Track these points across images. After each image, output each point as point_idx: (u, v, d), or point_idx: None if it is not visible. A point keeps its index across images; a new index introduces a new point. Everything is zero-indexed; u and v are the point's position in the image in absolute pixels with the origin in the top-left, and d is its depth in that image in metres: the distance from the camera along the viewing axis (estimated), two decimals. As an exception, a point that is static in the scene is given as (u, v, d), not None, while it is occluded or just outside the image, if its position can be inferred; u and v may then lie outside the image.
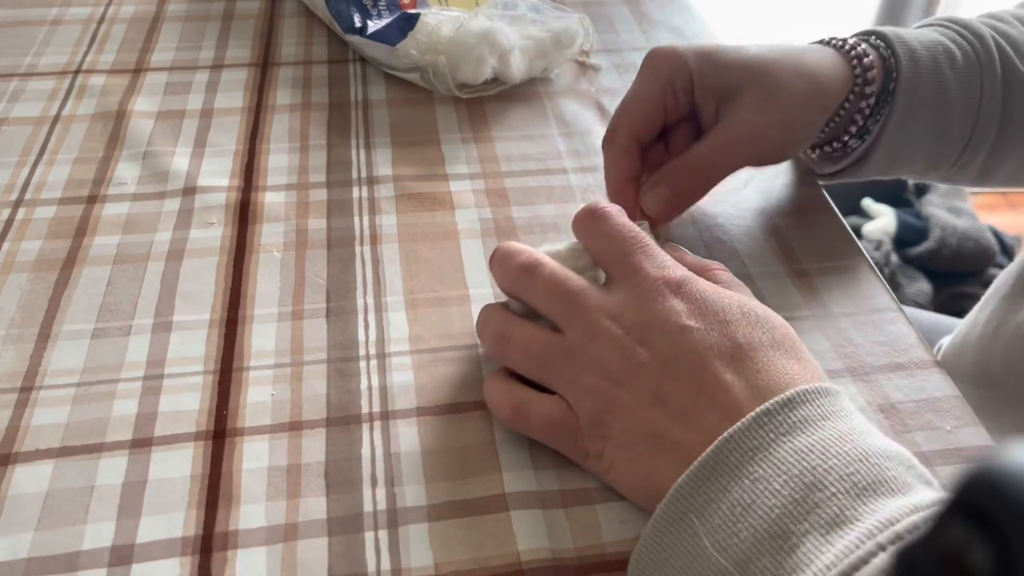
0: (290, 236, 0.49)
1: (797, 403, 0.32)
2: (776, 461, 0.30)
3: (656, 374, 0.34)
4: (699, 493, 0.31)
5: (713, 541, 0.30)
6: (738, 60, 0.45)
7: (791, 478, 0.30)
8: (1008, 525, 0.18)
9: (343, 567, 0.34)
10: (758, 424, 0.31)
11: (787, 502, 0.29)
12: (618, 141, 0.45)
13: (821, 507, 0.29)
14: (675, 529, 0.31)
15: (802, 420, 0.31)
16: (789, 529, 0.29)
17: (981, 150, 0.49)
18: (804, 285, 0.47)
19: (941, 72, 0.47)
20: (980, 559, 0.18)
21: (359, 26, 0.61)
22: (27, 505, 0.36)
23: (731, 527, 0.30)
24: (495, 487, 0.37)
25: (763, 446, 0.31)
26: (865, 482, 0.29)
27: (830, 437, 0.31)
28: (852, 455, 0.30)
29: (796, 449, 0.30)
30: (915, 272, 1.51)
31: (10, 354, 0.42)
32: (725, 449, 0.31)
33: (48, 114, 0.58)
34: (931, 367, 0.43)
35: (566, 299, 0.37)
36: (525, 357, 0.38)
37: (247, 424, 0.39)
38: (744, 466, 0.31)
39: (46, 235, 0.49)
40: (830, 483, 0.29)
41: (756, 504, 0.30)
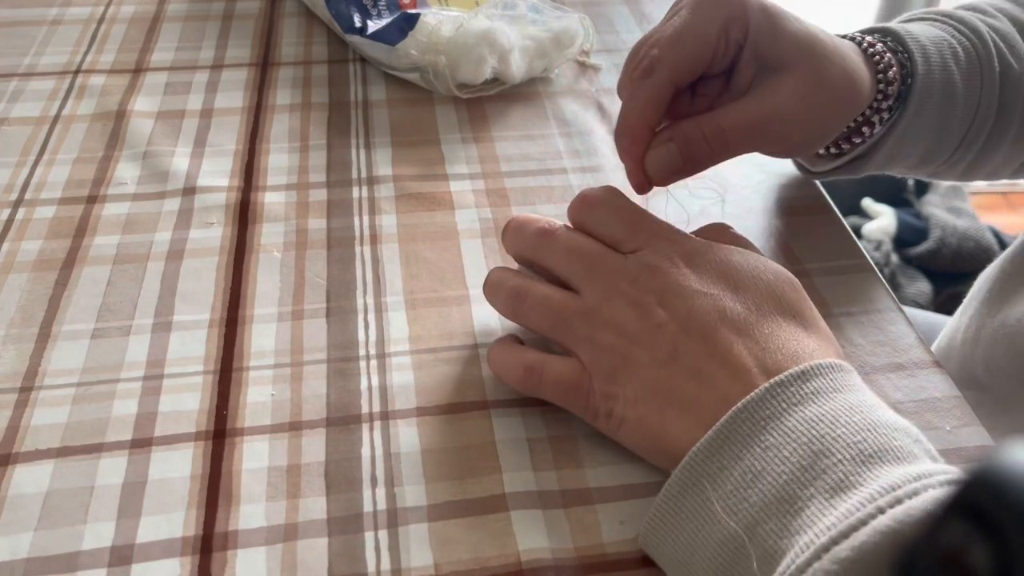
0: (290, 236, 0.49)
1: (810, 375, 0.32)
2: (787, 430, 0.31)
3: (673, 333, 0.35)
4: (713, 460, 0.32)
5: (724, 506, 0.31)
6: (798, 32, 0.41)
7: (800, 446, 0.30)
8: (1008, 525, 0.18)
9: (343, 567, 0.34)
10: (771, 395, 0.32)
11: (795, 468, 0.30)
12: (655, 80, 0.40)
13: (827, 472, 0.30)
14: (688, 494, 0.32)
15: (814, 392, 0.32)
16: (796, 493, 0.30)
17: (974, 147, 0.49)
18: (805, 285, 0.47)
19: (950, 71, 0.46)
20: (980, 559, 0.18)
21: (359, 26, 0.61)
22: (27, 505, 0.36)
23: (741, 492, 0.31)
24: (495, 487, 0.37)
25: (775, 415, 0.32)
26: (871, 450, 0.30)
27: (840, 408, 0.31)
28: (860, 425, 0.31)
29: (806, 418, 0.31)
30: (915, 272, 1.51)
31: (10, 354, 0.42)
32: (739, 418, 0.32)
33: (48, 114, 0.58)
34: (931, 367, 0.43)
35: (585, 260, 0.38)
36: (543, 313, 0.38)
37: (247, 424, 0.39)
38: (756, 435, 0.31)
39: (46, 235, 0.49)
40: (837, 450, 0.30)
41: (766, 471, 0.30)
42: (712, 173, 0.54)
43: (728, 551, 0.30)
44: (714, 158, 0.42)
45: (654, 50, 0.40)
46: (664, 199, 0.51)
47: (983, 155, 0.50)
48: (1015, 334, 0.52)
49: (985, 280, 0.59)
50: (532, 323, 0.39)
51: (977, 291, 0.59)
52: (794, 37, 0.41)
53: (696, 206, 0.51)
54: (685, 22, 0.41)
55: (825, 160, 0.51)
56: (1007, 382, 0.53)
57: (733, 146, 0.42)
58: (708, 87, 0.44)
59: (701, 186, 0.43)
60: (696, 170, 0.42)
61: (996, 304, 0.55)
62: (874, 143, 0.48)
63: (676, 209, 0.51)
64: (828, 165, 0.50)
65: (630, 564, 0.35)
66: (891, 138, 0.47)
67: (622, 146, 0.42)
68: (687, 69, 0.41)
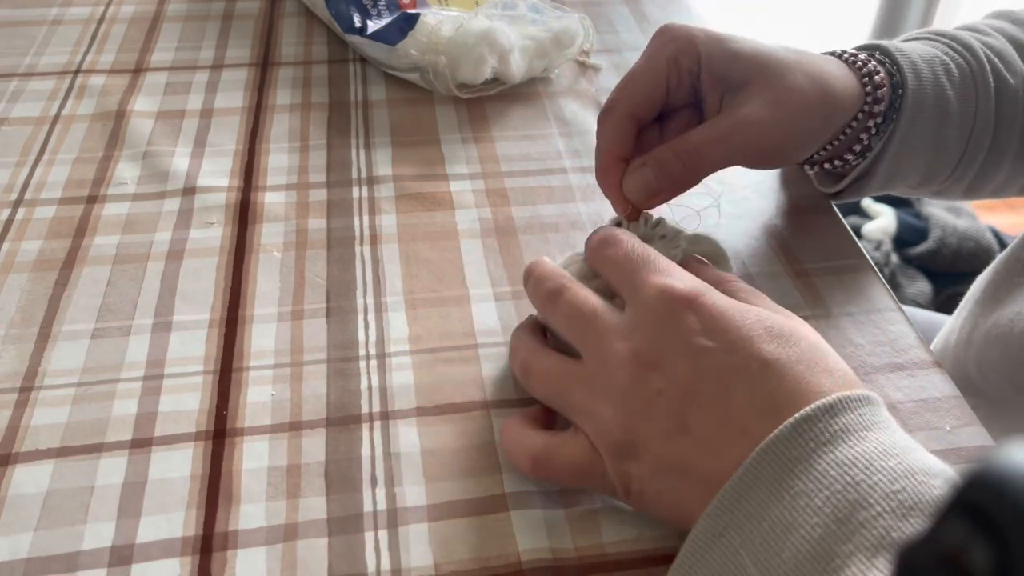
0: (290, 236, 0.49)
1: (838, 410, 0.30)
2: (818, 475, 0.29)
3: (677, 401, 0.33)
4: (738, 508, 0.29)
5: (755, 560, 0.29)
6: (751, 51, 0.42)
7: (833, 494, 0.28)
8: (1008, 525, 0.18)
9: (343, 567, 0.34)
10: (797, 432, 0.30)
11: (830, 521, 0.28)
12: (614, 116, 0.42)
13: (866, 527, 0.27)
14: (715, 547, 0.30)
15: (844, 429, 0.30)
16: (833, 551, 0.27)
17: (974, 164, 0.49)
18: (804, 285, 0.47)
19: (941, 86, 0.47)
20: (980, 559, 0.18)
21: (359, 26, 0.61)
22: (27, 505, 0.36)
23: (773, 547, 0.28)
24: (495, 487, 0.37)
25: (803, 457, 0.29)
26: (912, 501, 0.28)
27: (874, 450, 0.29)
28: (898, 471, 0.28)
29: (838, 461, 0.29)
30: (915, 272, 1.51)
31: (10, 354, 0.42)
32: (764, 460, 0.29)
33: (48, 114, 0.58)
34: (931, 367, 0.43)
35: (582, 322, 0.36)
36: (545, 387, 0.37)
37: (247, 424, 0.39)
38: (784, 479, 0.29)
39: (46, 235, 0.49)
40: (875, 501, 0.28)
41: (797, 522, 0.28)
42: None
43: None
44: (689, 176, 0.42)
45: (613, 93, 0.43)
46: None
47: (985, 173, 0.50)
48: (1007, 335, 0.52)
49: (979, 283, 0.59)
50: (539, 397, 0.38)
51: (972, 294, 0.59)
52: (748, 53, 0.42)
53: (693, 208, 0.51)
54: (637, 63, 0.43)
55: (831, 181, 0.51)
56: (999, 383, 0.53)
57: (707, 161, 0.42)
58: (678, 120, 0.45)
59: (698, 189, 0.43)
60: (674, 191, 0.42)
61: (989, 305, 0.55)
62: (873, 160, 0.48)
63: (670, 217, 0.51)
64: (834, 187, 0.51)
65: (630, 564, 0.35)
66: (888, 154, 0.47)
67: (600, 182, 0.43)
68: (643, 103, 0.43)
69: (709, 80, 0.43)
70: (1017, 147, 0.50)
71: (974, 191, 0.53)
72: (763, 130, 0.42)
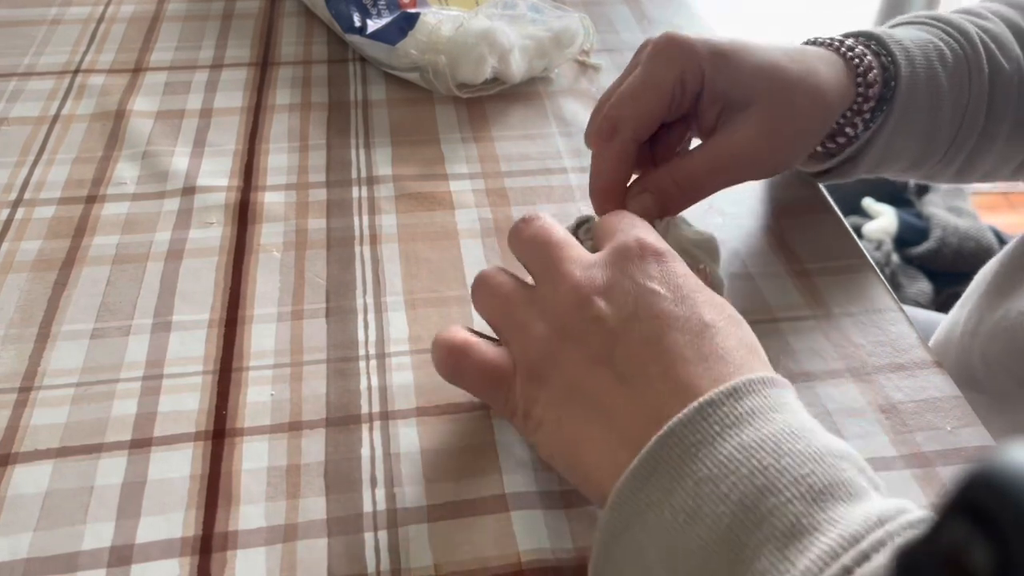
0: (290, 236, 0.49)
1: (743, 393, 0.29)
2: (723, 459, 0.28)
3: (611, 331, 0.32)
4: (640, 496, 0.28)
5: (659, 553, 0.28)
6: (754, 68, 0.42)
7: (740, 479, 0.27)
8: (1008, 525, 0.18)
9: (343, 567, 0.34)
10: (701, 416, 0.28)
11: (737, 508, 0.27)
12: (619, 140, 0.41)
13: (775, 514, 0.26)
14: (620, 541, 0.29)
15: (750, 412, 0.29)
16: (742, 541, 0.26)
17: (964, 148, 0.49)
18: (804, 285, 0.47)
19: (935, 73, 0.47)
20: (980, 559, 0.18)
21: (359, 26, 0.61)
22: (26, 505, 0.36)
23: (678, 537, 0.27)
24: (495, 487, 0.37)
25: (707, 441, 0.28)
26: (821, 485, 0.27)
27: (781, 432, 0.28)
28: (806, 454, 0.27)
29: (744, 445, 0.28)
30: (916, 272, 1.51)
31: (9, 354, 0.42)
32: (666, 444, 0.28)
33: (47, 114, 0.58)
34: (932, 367, 0.43)
35: (545, 248, 0.36)
36: (491, 300, 0.36)
37: (246, 424, 0.39)
38: (687, 465, 0.28)
39: (45, 235, 0.49)
40: (784, 487, 0.27)
41: (703, 511, 0.27)
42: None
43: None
44: (688, 201, 0.42)
45: (614, 110, 0.42)
46: None
47: (975, 157, 0.50)
48: (1016, 328, 0.52)
49: (985, 275, 0.59)
50: (481, 310, 0.37)
51: (977, 285, 0.59)
52: (754, 72, 0.42)
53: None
54: (642, 80, 0.41)
55: (815, 161, 0.51)
56: (1004, 378, 0.53)
57: (705, 190, 0.42)
58: (670, 136, 0.45)
59: None
60: (673, 213, 0.43)
61: (996, 298, 0.55)
62: (862, 146, 0.48)
63: None
64: (818, 167, 0.51)
65: (630, 564, 0.35)
66: (879, 141, 0.47)
67: (599, 205, 0.43)
68: (646, 125, 0.42)
69: (711, 97, 0.42)
70: (1007, 131, 0.49)
71: (963, 175, 0.52)
72: (763, 155, 0.42)
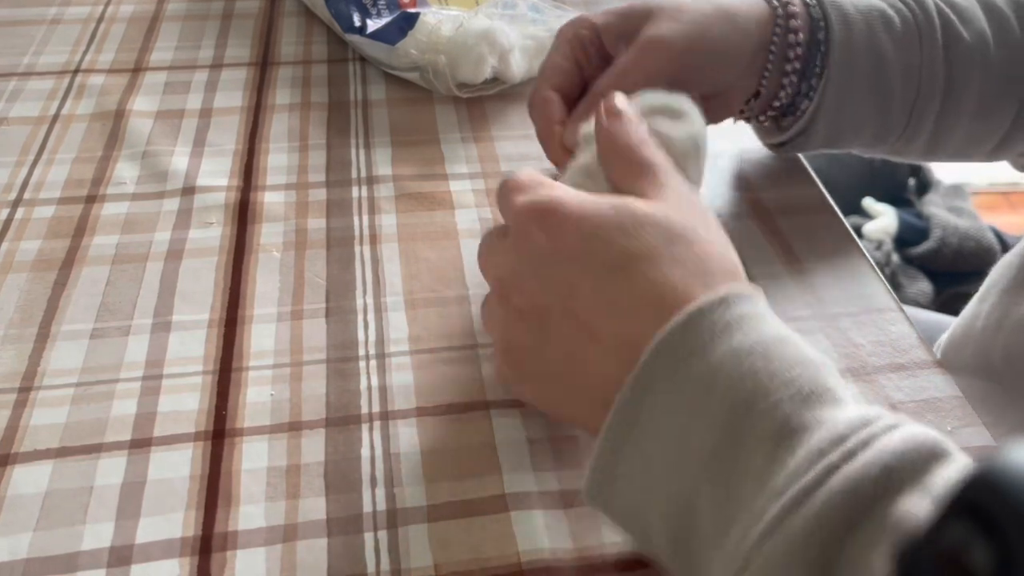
0: (289, 236, 0.49)
1: (731, 302, 0.30)
2: (715, 366, 0.29)
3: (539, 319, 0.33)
4: (641, 407, 0.29)
5: (663, 460, 0.29)
6: (643, 2, 0.46)
7: (733, 382, 0.28)
8: (1009, 525, 0.18)
9: (343, 568, 0.34)
10: (693, 323, 0.29)
11: (730, 411, 0.28)
12: (538, 95, 0.46)
13: (767, 416, 0.27)
14: (624, 449, 0.30)
15: (738, 319, 0.30)
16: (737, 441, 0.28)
17: (926, 121, 0.49)
18: (805, 285, 0.47)
19: (876, 35, 0.47)
20: (981, 559, 0.18)
21: (359, 25, 0.61)
22: (26, 505, 0.36)
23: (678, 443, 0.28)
24: (495, 487, 0.37)
25: (698, 349, 0.29)
26: (808, 389, 0.28)
27: (769, 338, 0.29)
28: (794, 359, 0.29)
29: (734, 350, 0.29)
30: (916, 272, 1.51)
31: (9, 354, 0.42)
32: (660, 354, 0.29)
33: (47, 114, 0.58)
34: (932, 367, 0.43)
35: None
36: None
37: (246, 424, 0.39)
38: (682, 371, 0.29)
39: (45, 235, 0.49)
40: (774, 389, 0.28)
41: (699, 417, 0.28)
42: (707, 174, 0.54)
43: (678, 507, 0.29)
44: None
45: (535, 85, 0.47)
46: None
47: (941, 131, 0.50)
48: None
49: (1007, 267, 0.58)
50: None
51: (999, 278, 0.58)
52: (640, 5, 0.46)
53: None
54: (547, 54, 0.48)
55: (775, 132, 0.51)
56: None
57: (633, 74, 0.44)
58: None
59: None
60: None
61: (1019, 293, 0.55)
62: (812, 113, 0.48)
63: None
64: (778, 138, 0.51)
65: (630, 564, 0.35)
66: (825, 105, 0.47)
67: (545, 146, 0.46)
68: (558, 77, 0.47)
69: (611, 39, 0.47)
70: (974, 107, 0.49)
71: (933, 152, 0.52)
72: (669, 43, 0.44)
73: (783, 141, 0.51)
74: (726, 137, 0.56)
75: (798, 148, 0.52)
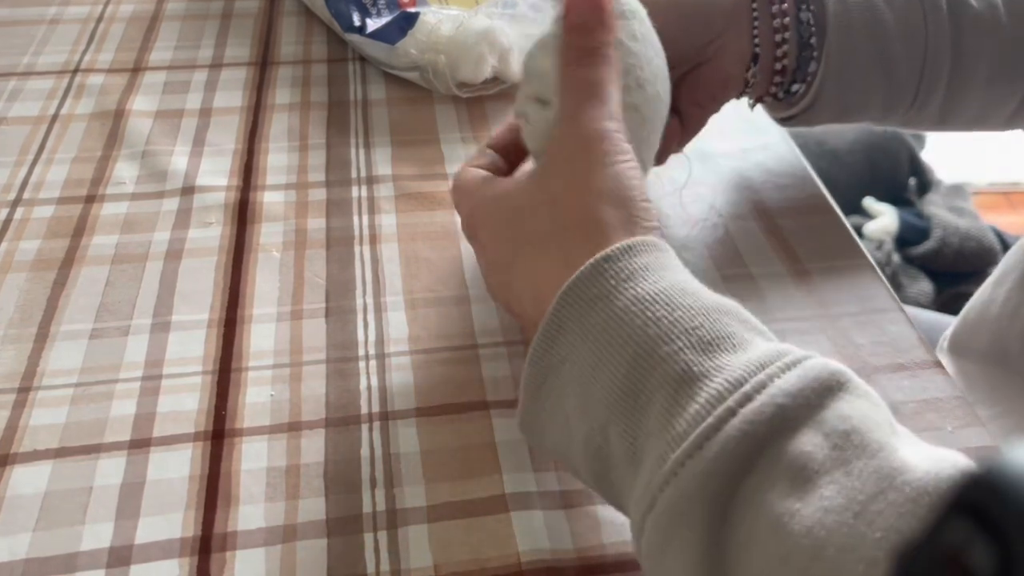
0: (289, 236, 0.49)
1: (637, 251, 0.31)
2: (619, 311, 0.30)
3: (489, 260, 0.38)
4: (553, 352, 0.31)
5: (575, 403, 0.31)
6: None
7: (635, 329, 0.29)
8: (1009, 525, 0.18)
9: (342, 568, 0.34)
10: (597, 271, 0.31)
11: (633, 357, 0.29)
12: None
13: (668, 362, 0.29)
14: (542, 392, 0.32)
15: (643, 267, 0.31)
16: (639, 386, 0.29)
17: (937, 88, 0.49)
18: (805, 285, 0.47)
19: (872, 3, 0.47)
20: (981, 559, 0.18)
21: (358, 25, 0.61)
22: (25, 506, 0.36)
23: (586, 387, 0.30)
24: (495, 488, 0.37)
25: (604, 295, 0.30)
26: (709, 337, 0.29)
27: (672, 287, 0.30)
28: (696, 308, 0.30)
29: (639, 298, 0.30)
30: (917, 272, 1.51)
31: (8, 354, 0.42)
32: (568, 300, 0.31)
33: (46, 113, 0.58)
34: (932, 367, 0.43)
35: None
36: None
37: (246, 424, 0.39)
38: (587, 316, 0.30)
39: (44, 235, 0.49)
40: (675, 336, 0.29)
41: (604, 360, 0.30)
42: (707, 174, 0.54)
43: (593, 449, 0.30)
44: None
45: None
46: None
47: (954, 98, 0.50)
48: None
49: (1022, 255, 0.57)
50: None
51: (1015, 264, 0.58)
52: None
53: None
54: None
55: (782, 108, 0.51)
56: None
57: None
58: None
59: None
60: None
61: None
62: (818, 85, 0.48)
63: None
64: (786, 112, 0.51)
65: (630, 565, 0.35)
66: (830, 76, 0.47)
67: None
68: None
69: None
70: (987, 74, 0.49)
71: (948, 121, 0.52)
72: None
73: (795, 114, 0.51)
74: (727, 137, 0.56)
75: (811, 119, 0.51)
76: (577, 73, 0.36)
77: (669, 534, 0.27)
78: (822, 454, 0.26)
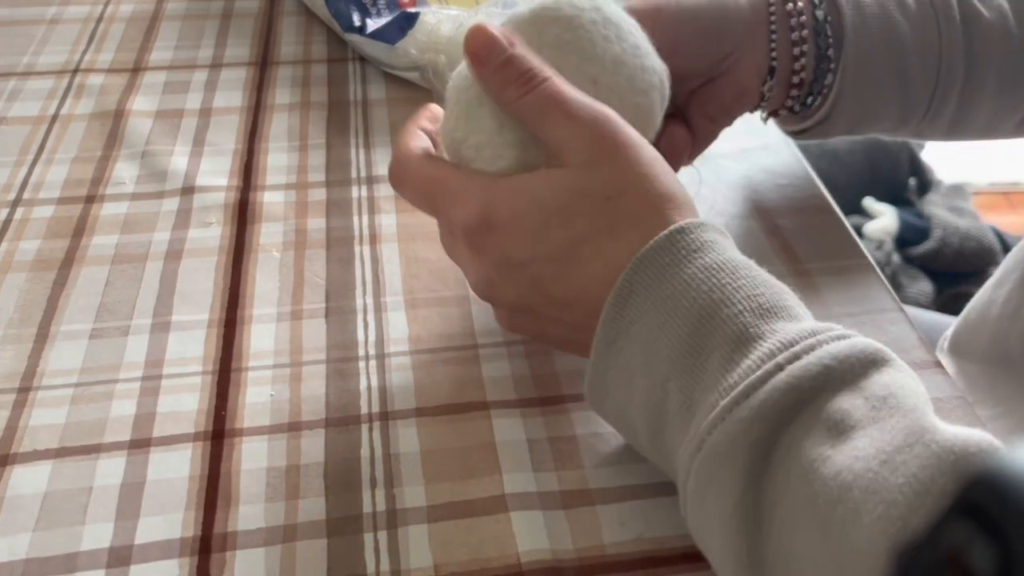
0: (289, 236, 0.49)
1: (707, 228, 0.33)
2: (687, 278, 0.32)
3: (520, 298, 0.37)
4: (624, 315, 0.33)
5: (641, 361, 0.32)
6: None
7: (700, 295, 0.32)
8: (1010, 526, 0.18)
9: (342, 568, 0.34)
10: (670, 241, 0.33)
11: (697, 318, 0.31)
12: None
13: (728, 323, 0.31)
14: (611, 352, 0.33)
15: (711, 241, 0.33)
16: (699, 345, 0.31)
17: (950, 99, 0.49)
18: (805, 285, 0.47)
19: (889, 15, 0.47)
20: (982, 560, 0.18)
21: (358, 25, 0.61)
22: (25, 506, 0.36)
23: (652, 347, 0.32)
24: (495, 488, 0.37)
25: (675, 263, 0.32)
26: (768, 304, 0.31)
27: (738, 260, 0.33)
28: (758, 279, 0.32)
29: (706, 266, 0.32)
30: (917, 272, 1.51)
31: (8, 354, 0.42)
32: (640, 267, 0.33)
33: (46, 113, 0.58)
34: (932, 368, 0.43)
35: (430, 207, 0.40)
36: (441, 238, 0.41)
37: (246, 425, 0.39)
38: (658, 284, 0.32)
39: (44, 235, 0.49)
40: (737, 301, 0.31)
41: (669, 322, 0.32)
42: (707, 175, 0.54)
43: (652, 404, 0.32)
44: None
45: None
46: None
47: (964, 109, 0.50)
48: None
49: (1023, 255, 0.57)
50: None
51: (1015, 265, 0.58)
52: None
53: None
54: None
55: (796, 121, 0.50)
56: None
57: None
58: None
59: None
60: None
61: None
62: (833, 99, 0.47)
63: None
64: (799, 125, 0.50)
65: (630, 565, 0.35)
66: (847, 94, 0.47)
67: None
68: None
69: None
70: (996, 84, 0.49)
71: (957, 131, 0.52)
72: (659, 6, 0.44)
73: (808, 127, 0.50)
74: (727, 138, 0.56)
75: (825, 132, 0.50)
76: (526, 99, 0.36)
77: (712, 476, 0.29)
78: (860, 413, 0.28)
